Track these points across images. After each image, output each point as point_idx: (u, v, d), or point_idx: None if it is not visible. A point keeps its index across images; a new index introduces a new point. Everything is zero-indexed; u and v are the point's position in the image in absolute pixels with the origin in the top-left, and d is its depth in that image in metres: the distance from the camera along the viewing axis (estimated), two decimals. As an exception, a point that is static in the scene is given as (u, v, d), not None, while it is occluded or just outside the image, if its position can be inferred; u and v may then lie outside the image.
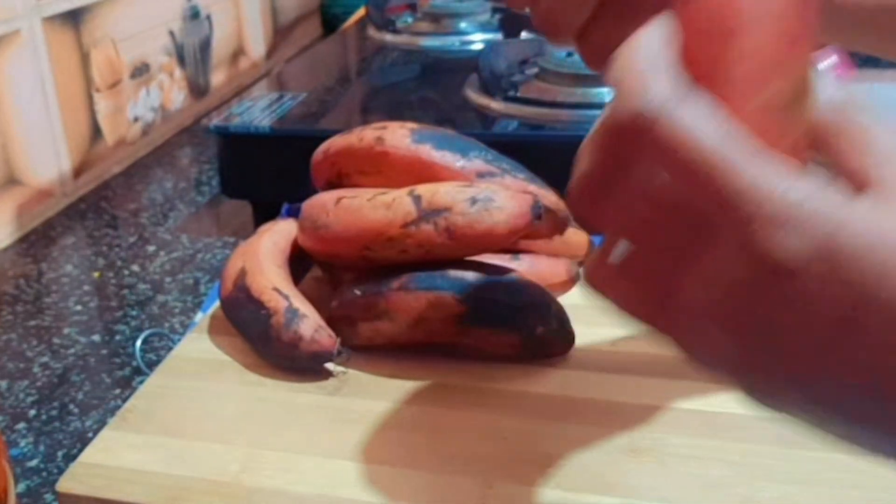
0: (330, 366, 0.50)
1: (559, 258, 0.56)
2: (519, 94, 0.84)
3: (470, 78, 0.91)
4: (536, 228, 0.48)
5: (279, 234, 0.57)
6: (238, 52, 1.44)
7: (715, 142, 0.22)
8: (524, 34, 0.98)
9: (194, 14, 1.27)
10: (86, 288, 0.77)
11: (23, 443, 0.57)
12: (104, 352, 0.67)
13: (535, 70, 0.87)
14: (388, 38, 1.18)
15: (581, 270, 0.27)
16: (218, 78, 1.36)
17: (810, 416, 0.24)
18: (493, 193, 0.47)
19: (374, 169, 0.53)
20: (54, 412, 0.60)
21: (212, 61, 1.34)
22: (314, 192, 0.55)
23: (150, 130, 1.16)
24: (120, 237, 0.88)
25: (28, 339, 0.69)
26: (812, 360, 0.22)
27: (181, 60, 1.24)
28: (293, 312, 0.50)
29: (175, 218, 0.93)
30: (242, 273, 0.53)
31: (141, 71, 1.13)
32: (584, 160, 0.25)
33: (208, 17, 1.32)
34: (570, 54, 0.85)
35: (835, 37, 0.40)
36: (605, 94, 0.80)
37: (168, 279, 0.78)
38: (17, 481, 0.53)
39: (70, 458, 0.54)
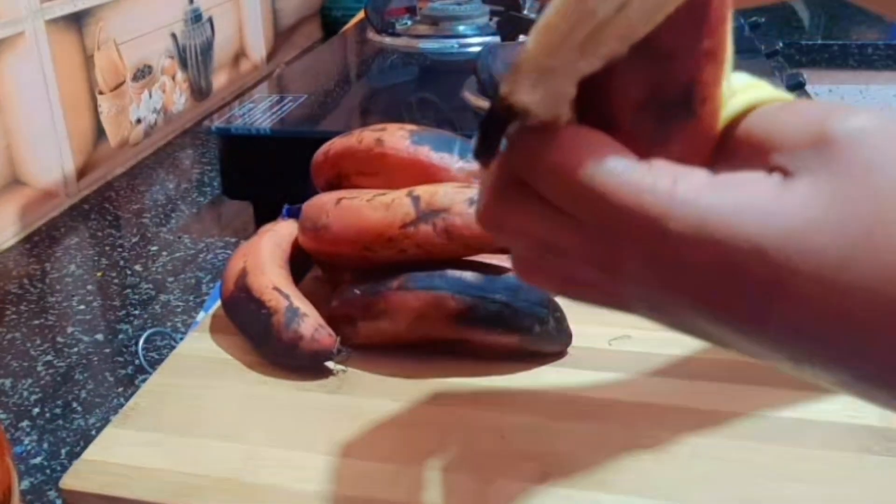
0: (330, 364, 0.50)
1: (556, 258, 0.56)
2: (517, 97, 0.84)
3: (468, 80, 0.92)
4: (533, 229, 0.48)
5: (280, 235, 0.57)
6: (239, 55, 1.44)
7: (601, 164, 0.25)
8: (521, 37, 0.98)
9: (196, 17, 1.28)
10: (89, 287, 0.78)
11: (27, 440, 0.57)
12: (107, 350, 0.67)
13: (533, 72, 0.87)
14: (388, 40, 1.19)
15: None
16: (219, 80, 1.37)
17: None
18: (490, 194, 0.47)
19: (373, 170, 0.53)
20: (58, 410, 0.60)
21: (213, 64, 1.35)
22: (314, 192, 0.55)
23: (152, 132, 1.17)
24: (123, 237, 0.89)
25: (32, 338, 0.70)
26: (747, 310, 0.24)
27: (183, 63, 1.25)
28: (293, 311, 0.50)
29: (177, 218, 0.93)
30: (243, 273, 0.54)
31: (143, 73, 1.14)
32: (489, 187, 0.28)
33: (210, 20, 1.32)
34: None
35: None
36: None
37: (170, 279, 0.78)
38: (20, 478, 0.53)
39: (73, 455, 0.55)
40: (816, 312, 0.23)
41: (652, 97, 0.25)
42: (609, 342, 0.51)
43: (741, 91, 0.26)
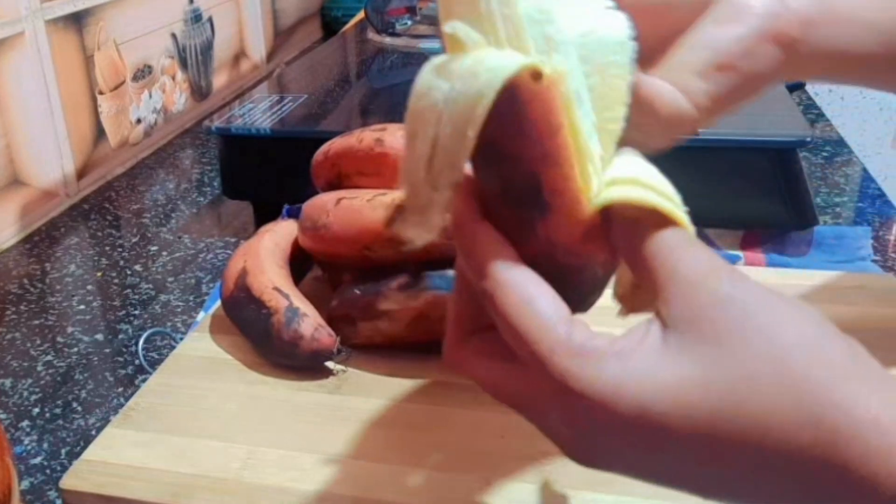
0: (330, 364, 0.50)
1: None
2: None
3: (469, 80, 0.91)
4: (533, 229, 0.48)
5: (280, 235, 0.57)
6: (239, 55, 1.44)
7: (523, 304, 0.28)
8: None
9: (196, 17, 1.28)
10: (89, 287, 0.78)
11: (26, 440, 0.57)
12: (107, 350, 0.67)
13: (533, 72, 0.87)
14: (388, 40, 1.19)
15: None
16: (219, 80, 1.37)
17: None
18: (490, 194, 0.47)
19: (373, 170, 0.53)
20: (58, 410, 0.60)
21: (213, 63, 1.35)
22: (314, 192, 0.55)
23: (152, 132, 1.17)
24: (123, 237, 0.89)
25: (32, 338, 0.70)
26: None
27: (183, 63, 1.25)
28: (293, 311, 0.50)
29: (177, 218, 0.93)
30: (243, 273, 0.54)
31: (143, 73, 1.14)
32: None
33: (210, 20, 1.32)
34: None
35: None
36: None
37: (170, 279, 0.78)
38: (20, 478, 0.53)
39: (73, 455, 0.55)
40: (697, 463, 0.26)
41: (507, 194, 0.28)
42: (609, 342, 0.51)
43: (621, 182, 0.28)
